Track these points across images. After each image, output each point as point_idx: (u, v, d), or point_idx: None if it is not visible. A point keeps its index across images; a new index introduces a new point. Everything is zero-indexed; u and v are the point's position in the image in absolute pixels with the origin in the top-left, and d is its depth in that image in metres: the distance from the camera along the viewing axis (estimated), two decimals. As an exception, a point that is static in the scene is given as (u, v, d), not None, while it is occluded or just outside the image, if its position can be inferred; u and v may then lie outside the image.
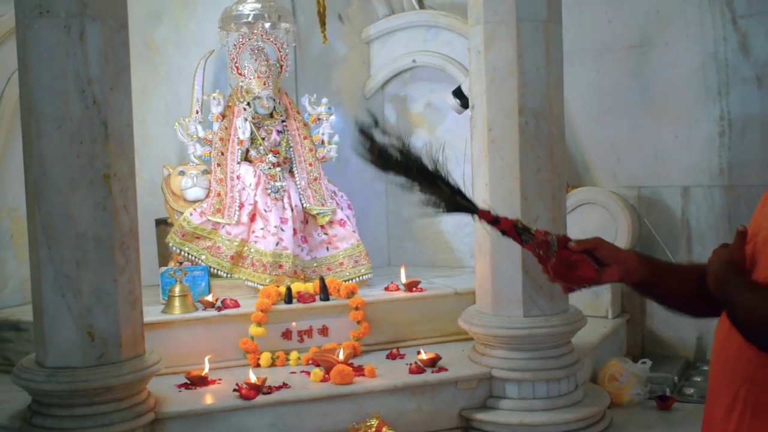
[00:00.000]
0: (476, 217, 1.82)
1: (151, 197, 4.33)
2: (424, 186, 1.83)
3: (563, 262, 1.72)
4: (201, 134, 4.04)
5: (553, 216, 3.31)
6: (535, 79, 3.26)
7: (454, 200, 1.82)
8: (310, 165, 4.10)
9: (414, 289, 3.83)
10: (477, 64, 3.34)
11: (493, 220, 1.80)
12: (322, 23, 4.05)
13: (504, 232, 1.80)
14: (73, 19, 2.61)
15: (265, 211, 3.89)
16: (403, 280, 3.89)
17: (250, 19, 4.11)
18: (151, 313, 3.44)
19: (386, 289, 3.89)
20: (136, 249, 2.84)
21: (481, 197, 3.37)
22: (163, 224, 4.10)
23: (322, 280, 3.70)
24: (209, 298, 3.58)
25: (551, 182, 3.32)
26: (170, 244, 3.87)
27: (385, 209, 4.93)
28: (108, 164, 2.70)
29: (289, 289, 3.62)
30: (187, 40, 4.49)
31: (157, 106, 4.46)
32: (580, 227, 4.03)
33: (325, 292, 3.66)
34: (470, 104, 3.47)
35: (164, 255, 4.07)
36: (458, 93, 4.13)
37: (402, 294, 3.82)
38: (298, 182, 4.04)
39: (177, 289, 3.47)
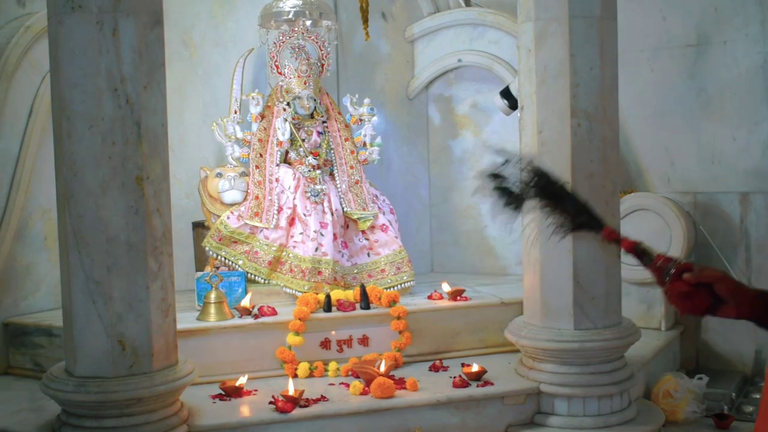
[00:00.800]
0: (600, 235, 1.84)
1: (188, 199, 4.27)
2: (550, 206, 1.85)
3: (676, 292, 1.73)
4: (239, 135, 3.95)
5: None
6: (589, 79, 3.11)
7: (579, 218, 1.85)
8: (351, 168, 3.98)
9: (458, 297, 3.69)
10: (527, 63, 3.19)
11: (617, 240, 1.83)
12: (365, 20, 3.93)
13: (626, 251, 1.83)
14: (106, 15, 2.52)
15: (305, 215, 3.78)
16: (447, 288, 3.75)
17: (290, 17, 4.00)
18: (186, 320, 3.35)
19: (429, 297, 3.76)
20: (170, 254, 2.74)
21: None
22: (200, 227, 4.01)
23: (362, 287, 3.57)
24: (246, 304, 3.47)
25: (604, 187, 3.16)
26: (206, 248, 3.78)
27: (429, 213, 4.79)
28: (141, 166, 2.61)
29: (328, 296, 3.50)
30: (225, 39, 4.40)
31: (195, 105, 4.38)
32: (631, 235, 3.79)
33: (365, 300, 3.54)
34: (519, 105, 3.32)
35: (201, 259, 3.98)
36: (506, 93, 3.98)
37: (446, 303, 3.68)
38: (338, 185, 3.92)
39: (212, 296, 3.37)
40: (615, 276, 3.23)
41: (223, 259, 3.76)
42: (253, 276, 3.72)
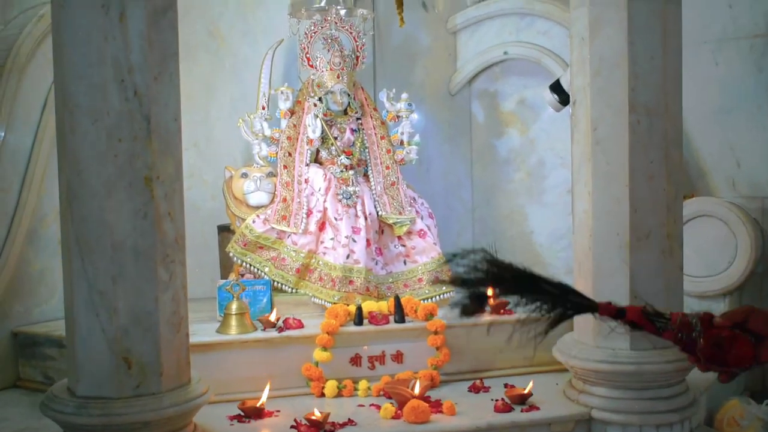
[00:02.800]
0: (597, 315, 1.64)
1: (214, 201, 4.08)
2: (526, 295, 1.68)
3: (713, 342, 1.50)
4: (267, 132, 3.74)
5: (667, 231, 2.89)
6: (649, 71, 2.85)
7: (566, 300, 1.65)
8: (387, 168, 3.75)
9: (502, 311, 3.44)
10: (580, 52, 2.93)
11: (617, 313, 1.62)
12: (399, 4, 3.68)
13: (633, 325, 1.61)
14: (113, -2, 2.32)
15: (336, 219, 3.56)
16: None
17: (322, 5, 3.79)
18: (205, 333, 3.16)
19: (470, 310, 3.50)
20: (182, 263, 2.54)
21: (582, 207, 2.98)
22: (225, 231, 3.82)
23: (397, 299, 3.34)
24: (271, 316, 3.25)
25: (666, 191, 2.90)
26: (230, 254, 3.58)
27: (471, 217, 4.56)
28: (150, 165, 2.40)
29: (359, 308, 3.27)
30: (255, 29, 4.21)
31: (222, 101, 4.19)
32: (693, 244, 3.59)
33: (400, 313, 3.31)
34: (571, 100, 3.06)
35: (226, 265, 3.79)
36: (556, 87, 3.72)
37: (488, 316, 3.43)
38: (373, 187, 3.70)
39: (234, 307, 3.16)
40: (677, 290, 2.96)
41: (248, 265, 3.57)
42: (279, 284, 3.52)
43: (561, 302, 1.66)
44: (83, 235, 2.38)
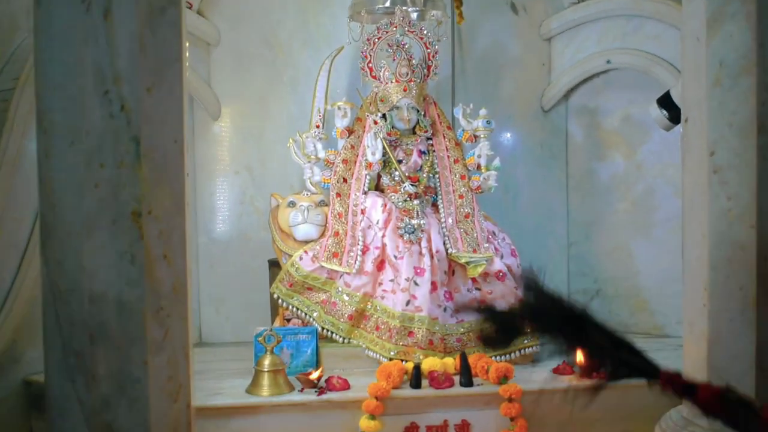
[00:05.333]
0: (655, 385, 1.42)
1: (267, 232, 3.67)
2: (569, 340, 1.48)
3: None
4: (321, 154, 3.33)
5: (808, 287, 2.30)
6: (785, 80, 2.28)
7: (619, 358, 1.46)
8: (461, 197, 3.27)
9: (595, 374, 2.89)
10: (694, 56, 2.39)
11: (685, 389, 1.35)
12: (458, -1, 3.20)
13: (705, 409, 1.32)
14: (95, -10, 1.95)
15: (396, 257, 3.10)
16: (580, 359, 2.95)
17: (387, 5, 3.35)
18: (234, 392, 2.77)
19: (555, 370, 3.00)
20: (183, 317, 2.12)
21: (694, 254, 2.43)
22: (277, 266, 3.40)
23: (463, 357, 2.86)
24: (313, 374, 2.81)
25: (806, 234, 2.31)
26: (275, 296, 3.18)
27: (566, 255, 4.03)
28: (139, 197, 2.00)
29: (417, 367, 2.81)
30: (317, 38, 3.81)
31: (279, 119, 3.81)
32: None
33: (467, 374, 2.82)
34: (682, 117, 2.51)
35: (277, 306, 3.37)
36: (666, 101, 3.17)
37: (577, 380, 2.89)
38: (443, 219, 3.23)
39: (266, 362, 2.75)
40: (818, 361, 2.37)
41: (294, 309, 3.16)
42: (329, 333, 3.09)
43: (611, 358, 1.48)
44: (57, 283, 2.01)
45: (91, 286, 1.98)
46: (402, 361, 2.91)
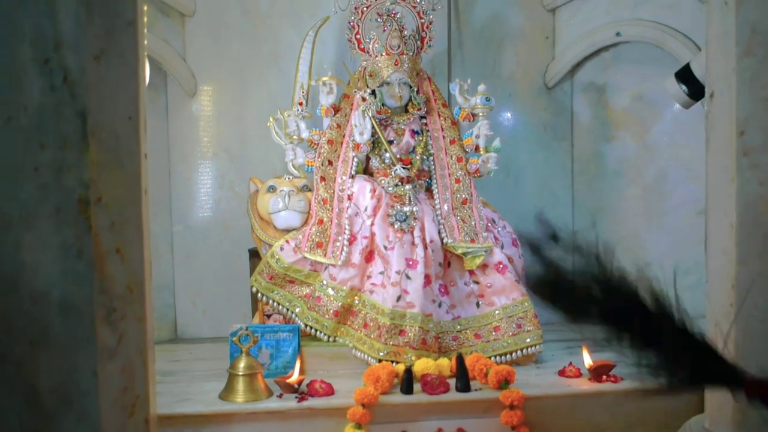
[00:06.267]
0: (739, 395, 1.20)
1: (247, 219, 3.44)
2: (638, 338, 1.24)
3: None
4: (304, 134, 3.10)
5: None
6: (825, 49, 2.05)
7: (696, 361, 1.20)
8: (458, 181, 3.05)
9: (604, 377, 2.68)
10: (721, 24, 2.16)
11: None
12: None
13: None
14: (31, -59, 1.72)
15: (386, 248, 2.88)
16: (588, 362, 2.74)
17: (376, -29, 3.13)
18: (206, 398, 2.55)
19: (561, 373, 2.78)
20: (140, 318, 1.90)
21: (720, 246, 2.20)
22: (258, 257, 3.17)
23: (460, 359, 2.63)
24: (292, 376, 2.59)
25: None
26: (253, 289, 2.95)
27: (571, 245, 3.77)
28: (87, 182, 1.77)
29: (408, 371, 2.58)
30: (301, 7, 3.58)
31: (259, 95, 3.58)
32: None
33: (464, 378, 2.60)
34: (706, 92, 2.28)
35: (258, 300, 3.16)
36: (685, 75, 2.93)
37: (585, 384, 2.68)
38: (437, 206, 3.00)
39: (241, 365, 2.52)
40: None
41: (275, 304, 2.94)
42: (312, 330, 2.86)
43: (684, 360, 1.27)
44: (-7, 281, 1.77)
45: (31, 285, 1.76)
46: (392, 362, 2.69)
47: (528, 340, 2.89)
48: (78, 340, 1.79)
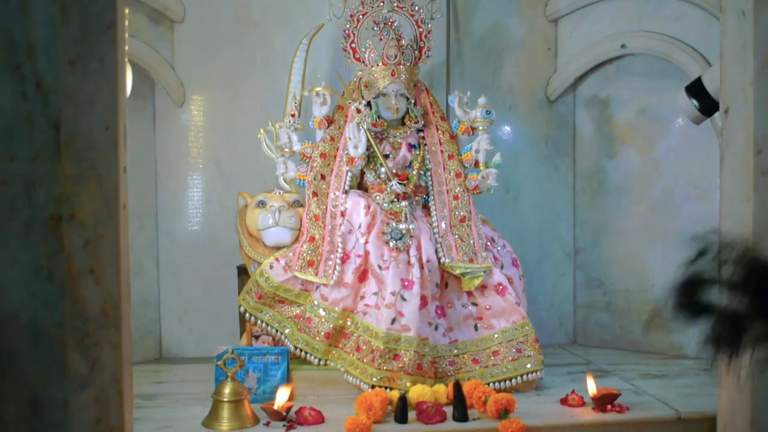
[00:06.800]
0: None
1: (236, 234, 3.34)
2: None
3: None
4: (296, 147, 3.00)
5: None
6: None
7: None
8: (456, 198, 2.95)
9: (609, 406, 2.57)
10: (738, 34, 2.07)
11: None
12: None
13: None
14: (2, -62, 1.63)
15: (380, 267, 2.77)
16: (592, 389, 2.63)
17: (372, -23, 3.04)
18: (188, 426, 2.41)
19: (563, 401, 2.66)
20: (116, 344, 1.78)
21: (735, 271, 2.08)
22: (246, 274, 3.07)
23: (457, 386, 2.51)
24: (277, 402, 2.47)
25: None
26: (241, 309, 2.84)
27: (573, 264, 3.73)
28: (60, 197, 1.67)
29: (403, 398, 2.46)
30: (294, 14, 3.50)
31: (251, 105, 3.50)
32: None
33: (461, 406, 2.49)
34: (721, 107, 2.19)
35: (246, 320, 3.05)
36: (696, 90, 2.83)
37: (589, 414, 2.57)
38: (435, 224, 2.90)
39: (226, 390, 2.40)
40: None
41: (264, 325, 2.83)
42: (303, 353, 2.75)
43: None
44: (-44, 303, 1.66)
45: (-3, 307, 1.65)
46: (386, 389, 2.58)
47: (528, 365, 2.78)
48: (47, 367, 1.69)
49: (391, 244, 2.79)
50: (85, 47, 1.70)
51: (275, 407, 2.45)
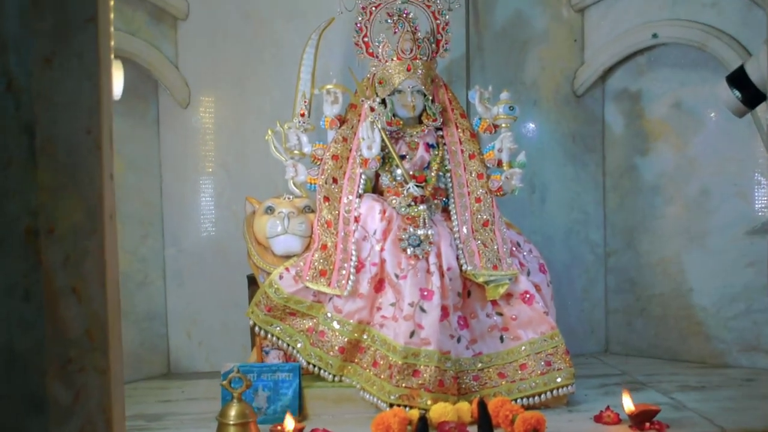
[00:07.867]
0: None
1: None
2: None
3: None
4: (306, 149, 2.86)
5: None
6: None
7: None
8: (478, 200, 2.80)
9: (648, 424, 2.41)
10: (786, 17, 1.90)
11: None
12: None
13: None
14: None
15: (398, 276, 2.63)
16: (629, 406, 2.47)
17: (385, -33, 2.91)
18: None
19: (597, 419, 2.50)
20: (103, 370, 1.65)
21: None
22: (256, 284, 2.94)
23: (482, 404, 2.36)
24: (288, 423, 2.33)
25: None
26: (250, 322, 2.71)
27: (604, 267, 3.60)
28: (35, 208, 1.54)
29: (423, 419, 2.31)
30: (304, 8, 3.38)
31: (260, 105, 3.41)
32: None
33: (487, 426, 2.33)
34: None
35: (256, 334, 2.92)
36: (738, 79, 2.67)
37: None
38: (455, 229, 2.76)
39: (232, 413, 2.26)
40: None
41: (274, 339, 2.70)
42: (316, 369, 2.62)
43: None
44: (-76, 327, 1.54)
45: (-32, 331, 1.52)
46: (405, 407, 2.44)
47: (559, 379, 2.62)
48: (25, 397, 1.56)
49: (408, 252, 2.65)
50: (63, 42, 1.57)
51: (286, 429, 2.31)
